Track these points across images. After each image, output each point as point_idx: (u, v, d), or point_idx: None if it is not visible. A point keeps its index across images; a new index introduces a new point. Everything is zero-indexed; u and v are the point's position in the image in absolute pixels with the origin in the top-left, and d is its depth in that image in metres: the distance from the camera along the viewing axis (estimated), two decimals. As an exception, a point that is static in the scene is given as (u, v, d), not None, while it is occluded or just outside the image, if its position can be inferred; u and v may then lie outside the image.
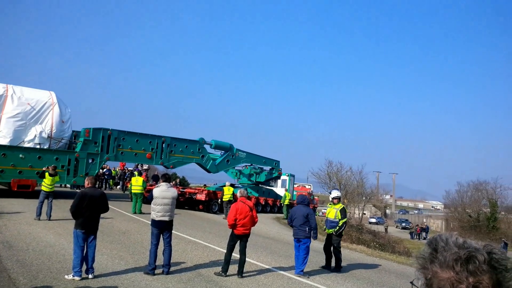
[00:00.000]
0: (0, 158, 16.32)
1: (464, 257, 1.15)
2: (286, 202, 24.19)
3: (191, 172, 42.89)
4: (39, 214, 12.34)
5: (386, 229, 45.38)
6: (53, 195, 13.12)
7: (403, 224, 58.05)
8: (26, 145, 17.47)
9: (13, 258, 7.73)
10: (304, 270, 8.95)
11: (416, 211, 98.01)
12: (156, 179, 24.39)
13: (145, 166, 26.39)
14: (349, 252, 14.30)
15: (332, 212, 10.07)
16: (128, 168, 27.92)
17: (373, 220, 59.27)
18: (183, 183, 41.47)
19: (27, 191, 16.78)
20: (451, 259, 1.16)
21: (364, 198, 48.94)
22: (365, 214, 57.66)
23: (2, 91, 17.52)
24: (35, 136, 17.63)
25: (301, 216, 9.03)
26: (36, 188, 17.45)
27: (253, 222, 8.36)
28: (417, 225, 52.60)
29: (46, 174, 13.09)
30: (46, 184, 12.92)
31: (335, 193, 10.41)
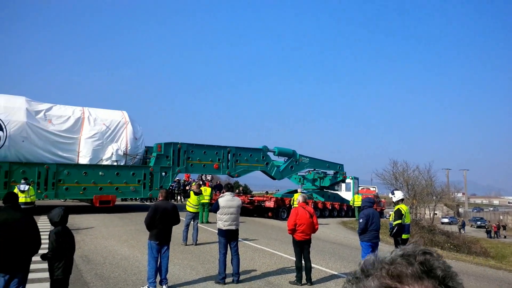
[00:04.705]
0: (82, 176, 17.61)
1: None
2: (358, 204, 23.75)
3: (252, 179, 43.55)
4: (185, 239, 11.53)
5: (461, 228, 42.81)
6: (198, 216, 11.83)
7: (478, 222, 54.26)
8: (104, 163, 18.65)
9: (92, 271, 8.26)
10: None
11: (492, 208, 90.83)
12: (219, 188, 25.18)
13: (208, 177, 27.31)
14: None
15: (392, 214, 10.05)
16: (194, 179, 29.05)
17: (446, 220, 56.11)
18: (246, 191, 42.16)
19: (108, 207, 17.96)
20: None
21: (434, 197, 46.44)
22: (436, 214, 54.69)
23: (79, 114, 18.84)
24: (112, 154, 18.80)
25: (378, 218, 9.08)
26: (116, 203, 18.73)
27: (313, 228, 8.30)
28: (489, 221, 48.89)
29: (191, 193, 12.05)
30: (191, 204, 11.68)
31: (394, 194, 10.28)
